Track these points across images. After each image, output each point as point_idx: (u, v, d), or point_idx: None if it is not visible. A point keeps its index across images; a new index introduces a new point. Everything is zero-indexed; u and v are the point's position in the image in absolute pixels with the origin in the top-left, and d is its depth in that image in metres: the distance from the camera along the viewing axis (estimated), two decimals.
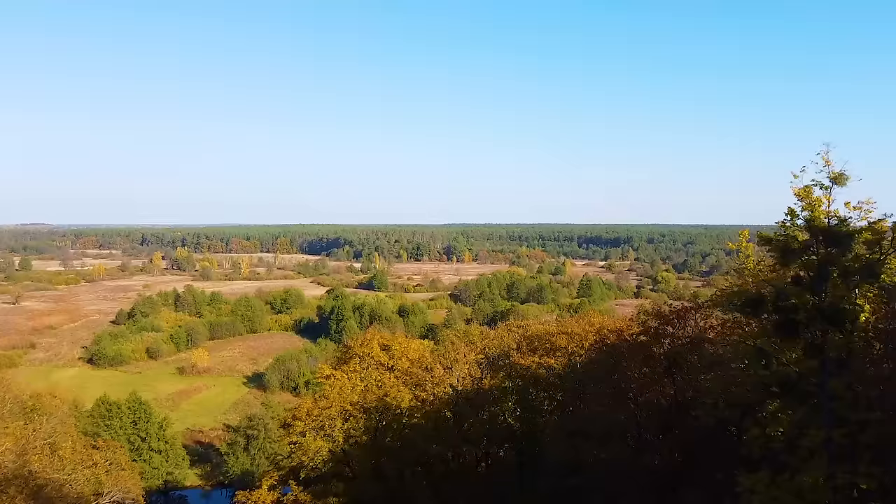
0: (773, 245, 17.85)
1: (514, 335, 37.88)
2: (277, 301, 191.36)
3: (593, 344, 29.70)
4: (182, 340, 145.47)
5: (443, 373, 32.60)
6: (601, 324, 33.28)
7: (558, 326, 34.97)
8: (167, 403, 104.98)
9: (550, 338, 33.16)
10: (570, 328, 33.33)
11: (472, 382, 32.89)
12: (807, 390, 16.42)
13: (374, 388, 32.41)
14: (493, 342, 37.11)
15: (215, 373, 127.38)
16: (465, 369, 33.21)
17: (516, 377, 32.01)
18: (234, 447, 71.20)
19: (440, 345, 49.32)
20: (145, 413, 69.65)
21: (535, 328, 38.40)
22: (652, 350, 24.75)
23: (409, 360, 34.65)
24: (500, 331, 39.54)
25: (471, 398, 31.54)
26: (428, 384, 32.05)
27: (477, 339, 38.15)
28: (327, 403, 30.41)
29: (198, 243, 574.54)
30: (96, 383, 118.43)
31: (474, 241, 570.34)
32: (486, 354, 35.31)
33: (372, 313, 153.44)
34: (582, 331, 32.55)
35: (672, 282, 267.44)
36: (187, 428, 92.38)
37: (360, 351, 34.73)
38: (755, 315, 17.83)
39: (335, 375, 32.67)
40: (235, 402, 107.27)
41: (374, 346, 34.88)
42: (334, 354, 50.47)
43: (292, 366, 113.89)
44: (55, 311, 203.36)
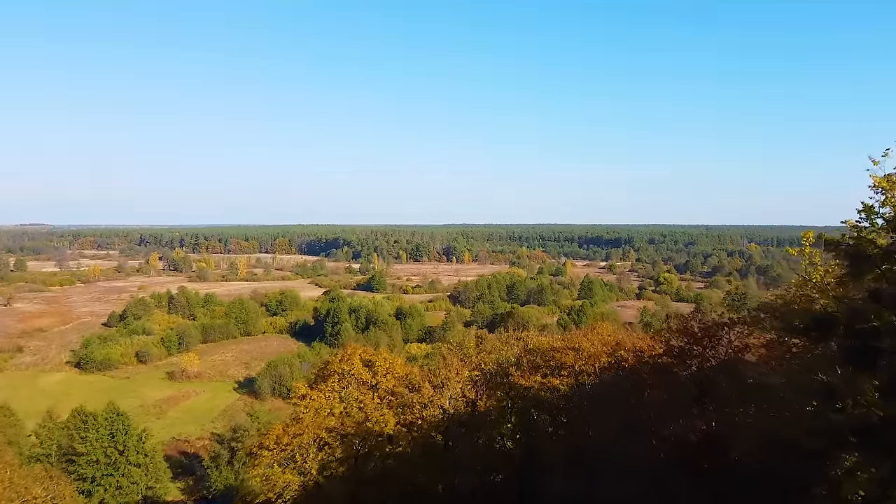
0: (842, 251, 13.90)
1: (514, 348, 34.08)
2: (273, 303, 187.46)
3: (607, 365, 25.89)
4: (173, 344, 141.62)
5: (432, 393, 28.81)
6: (615, 340, 29.34)
7: (564, 341, 31.11)
8: (154, 410, 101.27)
9: (555, 354, 29.30)
10: (577, 342, 29.46)
11: (466, 404, 29.12)
12: (894, 441, 12.55)
13: (355, 410, 28.62)
14: (489, 357, 33.30)
15: (206, 378, 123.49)
16: (458, 388, 29.42)
17: (516, 398, 28.16)
18: (217, 460, 67.36)
19: (436, 350, 45.17)
20: (123, 425, 65.71)
21: (536, 340, 34.52)
22: (677, 373, 20.92)
23: (394, 378, 30.90)
24: (499, 343, 35.66)
25: (464, 421, 27.74)
26: (416, 406, 28.26)
27: (472, 353, 34.37)
28: (299, 429, 26.61)
29: (196, 244, 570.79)
30: (82, 389, 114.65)
31: (474, 241, 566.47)
32: (481, 371, 31.55)
33: (368, 316, 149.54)
34: (592, 347, 28.66)
35: (674, 283, 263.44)
36: (172, 437, 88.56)
37: (340, 367, 30.93)
38: (824, 339, 13.92)
39: (311, 395, 28.88)
40: (225, 408, 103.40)
41: (356, 361, 31.07)
42: (311, 371, 46.29)
43: (284, 371, 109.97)
44: (46, 313, 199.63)
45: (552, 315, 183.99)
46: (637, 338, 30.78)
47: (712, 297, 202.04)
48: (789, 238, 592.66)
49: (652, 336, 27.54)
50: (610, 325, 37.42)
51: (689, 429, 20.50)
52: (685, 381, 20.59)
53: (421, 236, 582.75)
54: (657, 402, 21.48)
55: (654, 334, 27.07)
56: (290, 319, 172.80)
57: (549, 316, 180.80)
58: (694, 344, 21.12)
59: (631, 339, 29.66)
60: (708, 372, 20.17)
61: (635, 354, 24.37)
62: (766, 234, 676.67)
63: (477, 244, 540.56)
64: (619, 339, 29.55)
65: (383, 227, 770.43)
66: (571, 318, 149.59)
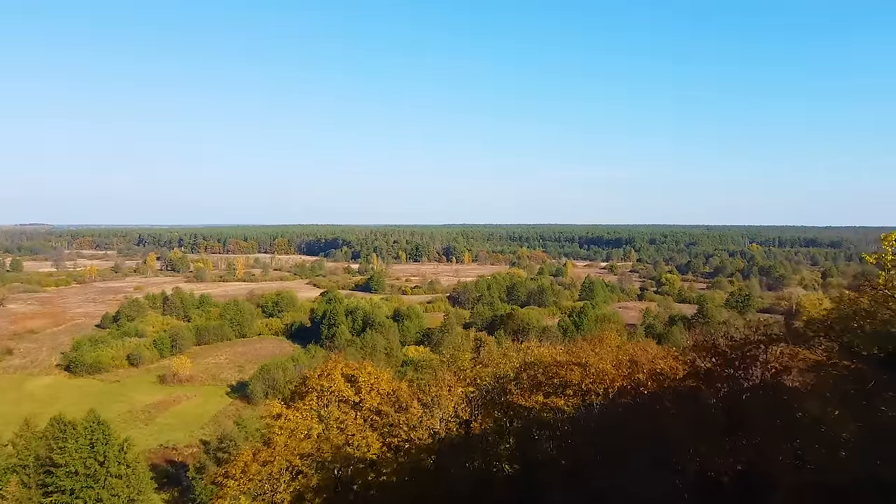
0: None
1: (513, 361, 30.95)
2: (269, 304, 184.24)
3: (622, 390, 22.86)
4: (166, 346, 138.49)
5: (421, 413, 25.83)
6: (630, 357, 26.02)
7: (568, 354, 27.92)
8: (142, 416, 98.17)
9: (559, 370, 26.20)
10: (583, 357, 26.29)
11: (459, 425, 26.11)
12: None
13: (335, 431, 25.59)
14: (486, 370, 30.22)
15: (198, 381, 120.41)
16: (451, 407, 26.42)
17: (515, 418, 25.14)
18: (202, 471, 64.25)
19: (428, 362, 41.81)
20: (104, 434, 62.56)
21: (537, 352, 31.41)
22: (703, 399, 17.89)
23: (379, 395, 27.89)
24: (496, 355, 32.57)
25: (457, 444, 24.73)
26: (403, 427, 25.25)
27: (467, 367, 31.34)
28: (270, 455, 23.59)
29: (195, 244, 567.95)
30: (70, 393, 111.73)
31: (474, 241, 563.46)
32: (477, 387, 28.53)
33: (365, 318, 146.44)
34: (600, 363, 25.46)
35: (676, 284, 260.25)
36: (160, 445, 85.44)
37: (319, 384, 27.96)
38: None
39: (286, 415, 25.88)
40: (216, 414, 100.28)
41: (337, 377, 28.09)
42: (289, 386, 42.66)
43: (278, 375, 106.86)
44: (39, 314, 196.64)
45: (553, 316, 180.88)
46: (653, 353, 27.50)
47: (715, 298, 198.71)
48: (790, 238, 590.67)
49: (674, 355, 24.35)
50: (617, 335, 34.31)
51: (718, 465, 17.48)
52: (713, 409, 17.59)
53: (421, 236, 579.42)
54: (680, 431, 18.45)
55: (676, 353, 23.93)
56: (286, 321, 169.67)
57: (550, 317, 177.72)
58: (723, 365, 18.15)
59: (646, 355, 26.47)
60: (741, 398, 17.19)
61: (654, 377, 21.33)
62: (767, 234, 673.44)
63: (477, 244, 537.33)
64: (633, 354, 26.34)
65: (383, 227, 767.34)
66: (573, 320, 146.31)
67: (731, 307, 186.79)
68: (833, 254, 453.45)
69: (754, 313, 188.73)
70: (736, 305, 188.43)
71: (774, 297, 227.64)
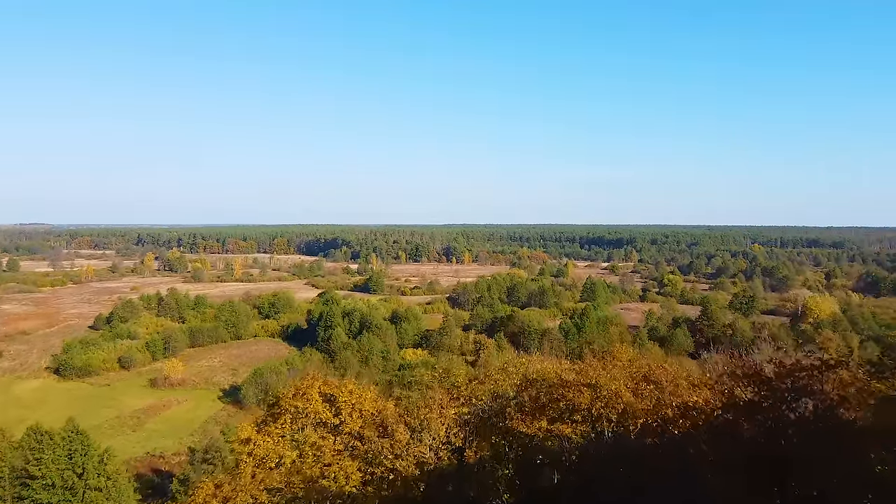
0: None
1: (512, 377, 27.85)
2: (265, 305, 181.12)
3: (647, 427, 19.79)
4: (158, 348, 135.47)
5: (408, 438, 22.82)
6: (646, 373, 22.82)
7: (577, 373, 24.69)
8: (130, 422, 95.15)
9: (565, 391, 23.08)
10: (593, 376, 23.10)
11: (451, 452, 23.10)
12: None
13: (310, 460, 22.59)
14: (483, 388, 27.16)
15: (190, 385, 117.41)
16: (442, 432, 23.42)
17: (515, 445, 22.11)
18: (186, 483, 61.21)
19: (418, 377, 38.41)
20: (82, 445, 59.57)
21: (540, 367, 28.28)
22: (744, 438, 14.79)
23: (361, 418, 24.92)
24: (494, 371, 29.44)
25: (448, 475, 21.74)
26: (387, 454, 22.23)
27: (462, 383, 28.29)
28: (232, 490, 20.57)
29: (194, 244, 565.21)
30: (58, 397, 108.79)
31: (474, 241, 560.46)
32: (472, 407, 25.54)
33: (362, 320, 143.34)
34: (613, 383, 22.21)
35: (679, 285, 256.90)
36: (147, 452, 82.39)
37: (293, 404, 25.01)
38: None
39: (256, 440, 22.89)
40: (207, 419, 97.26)
41: (314, 396, 25.16)
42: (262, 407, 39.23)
43: (271, 379, 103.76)
44: (33, 315, 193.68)
45: (554, 318, 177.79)
46: (673, 372, 24.11)
47: (718, 299, 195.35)
48: (792, 239, 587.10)
49: (707, 383, 21.13)
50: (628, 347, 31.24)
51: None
52: (757, 450, 14.49)
53: (421, 236, 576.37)
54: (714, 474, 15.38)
55: (708, 380, 20.79)
56: (282, 322, 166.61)
57: (551, 319, 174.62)
58: (768, 395, 15.07)
59: (665, 374, 23.10)
60: (791, 437, 14.06)
61: (681, 410, 18.23)
62: (769, 234, 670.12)
63: (477, 244, 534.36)
64: (650, 371, 23.11)
65: (383, 227, 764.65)
66: (574, 323, 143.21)
67: (736, 309, 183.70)
68: (836, 254, 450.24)
69: (758, 315, 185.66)
70: (740, 307, 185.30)
71: (778, 299, 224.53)
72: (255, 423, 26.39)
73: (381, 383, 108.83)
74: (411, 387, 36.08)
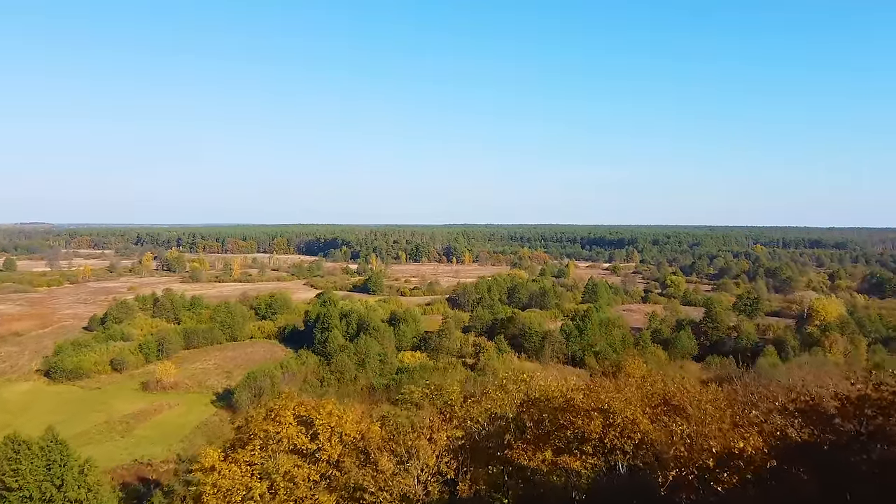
0: None
1: (512, 395, 24.92)
2: (262, 306, 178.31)
3: (682, 477, 16.82)
4: (152, 350, 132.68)
5: (393, 468, 20.06)
6: (663, 394, 19.70)
7: (587, 395, 21.56)
8: (119, 427, 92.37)
9: (573, 417, 20.09)
10: (606, 399, 20.05)
11: (442, 485, 20.33)
12: None
13: (282, 492, 19.83)
14: (479, 408, 24.32)
15: (183, 388, 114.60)
16: (432, 461, 20.63)
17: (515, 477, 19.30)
18: (171, 496, 58.49)
19: (407, 396, 35.31)
20: (62, 455, 56.77)
21: (543, 385, 25.19)
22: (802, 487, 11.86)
23: (341, 443, 22.16)
24: (492, 389, 26.56)
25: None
26: (369, 486, 19.44)
27: (456, 400, 25.47)
28: None
29: (193, 243, 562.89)
30: (47, 401, 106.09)
31: (475, 241, 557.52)
32: (466, 432, 22.74)
33: (360, 322, 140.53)
34: (630, 409, 19.12)
35: (682, 286, 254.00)
36: (134, 460, 79.60)
37: (265, 428, 22.21)
38: None
39: (220, 469, 20.14)
40: (198, 425, 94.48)
41: (287, 419, 22.42)
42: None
43: (265, 383, 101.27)
44: (27, 316, 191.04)
45: (555, 319, 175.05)
46: (694, 391, 21.11)
47: (722, 300, 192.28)
48: (794, 239, 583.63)
49: (753, 421, 18.08)
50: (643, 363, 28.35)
51: None
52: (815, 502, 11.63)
53: (421, 236, 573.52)
54: None
55: (754, 419, 17.70)
56: (279, 324, 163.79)
57: (552, 321, 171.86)
58: (830, 437, 12.13)
59: (686, 395, 20.17)
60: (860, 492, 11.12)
61: (727, 461, 15.22)
62: (771, 234, 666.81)
63: (478, 244, 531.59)
64: (668, 392, 20.19)
65: (383, 227, 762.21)
66: (576, 325, 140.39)
67: (740, 311, 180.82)
68: (839, 255, 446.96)
69: (763, 317, 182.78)
70: (744, 309, 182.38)
71: (783, 300, 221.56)
72: (221, 448, 23.67)
73: (378, 387, 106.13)
74: (400, 404, 33.06)
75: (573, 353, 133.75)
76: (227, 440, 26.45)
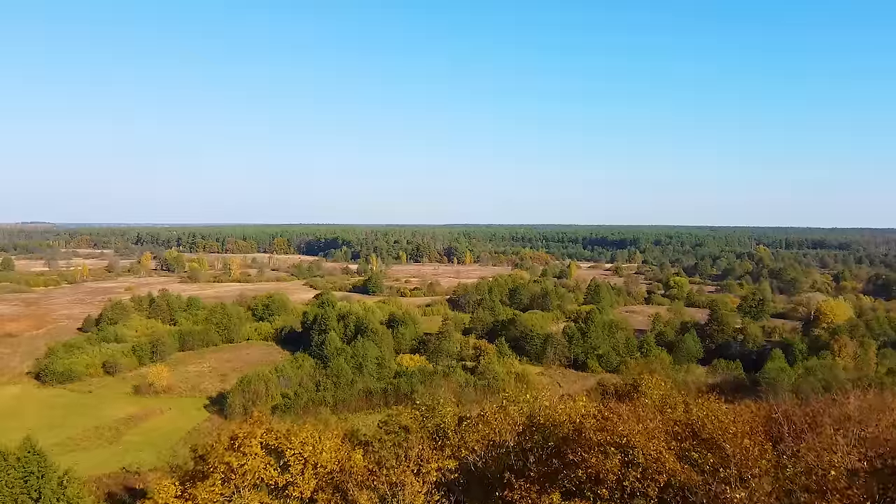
0: None
1: (513, 417, 21.86)
2: (259, 307, 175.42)
3: None
4: (145, 353, 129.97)
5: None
6: (687, 423, 16.39)
7: (601, 422, 18.31)
8: (108, 433, 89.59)
9: (585, 453, 16.94)
10: (624, 430, 16.86)
11: None
12: None
13: None
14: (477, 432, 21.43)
15: (176, 392, 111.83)
16: (420, 500, 17.83)
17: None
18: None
19: (393, 417, 32.00)
20: (39, 466, 54.03)
21: (548, 405, 22.03)
22: None
23: (316, 476, 19.39)
24: (490, 412, 23.48)
25: None
26: None
27: (449, 425, 22.54)
28: None
29: (193, 243, 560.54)
30: (36, 405, 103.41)
31: (476, 242, 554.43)
32: (460, 462, 19.93)
33: (358, 324, 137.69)
34: (653, 443, 16.01)
35: (685, 287, 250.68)
36: (122, 468, 76.75)
37: (226, 460, 19.38)
38: None
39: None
40: (190, 431, 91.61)
41: (254, 449, 19.65)
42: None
43: (259, 387, 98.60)
44: (22, 317, 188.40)
45: (557, 321, 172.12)
46: (722, 421, 17.82)
47: (726, 302, 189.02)
48: (797, 240, 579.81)
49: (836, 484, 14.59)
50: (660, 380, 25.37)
51: None
52: None
53: (422, 236, 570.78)
54: None
55: (836, 480, 14.31)
56: (276, 325, 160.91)
57: (554, 322, 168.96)
58: None
59: (718, 426, 17.10)
60: None
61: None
62: (774, 235, 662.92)
63: (479, 245, 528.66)
64: (708, 432, 17.08)
65: (384, 227, 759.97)
66: (578, 327, 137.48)
67: (745, 313, 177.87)
68: (843, 256, 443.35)
69: (768, 319, 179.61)
70: (750, 311, 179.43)
71: (787, 302, 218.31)
72: (178, 481, 20.91)
73: (375, 391, 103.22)
74: (387, 425, 30.17)
75: (575, 356, 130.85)
76: (185, 471, 23.66)
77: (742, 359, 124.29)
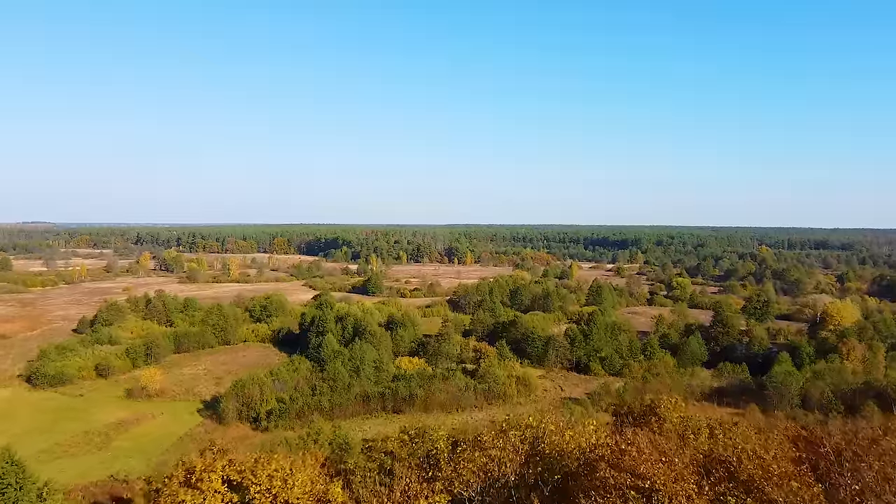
0: None
1: (514, 443, 19.22)
2: (257, 308, 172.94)
3: None
4: (140, 355, 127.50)
5: None
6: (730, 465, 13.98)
7: (617, 455, 15.51)
8: (97, 439, 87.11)
9: (601, 497, 14.32)
10: (644, 467, 14.16)
11: None
12: None
13: None
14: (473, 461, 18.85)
15: (170, 395, 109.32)
16: None
17: None
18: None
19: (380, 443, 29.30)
20: (17, 478, 51.65)
21: (554, 430, 19.40)
22: None
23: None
24: (489, 437, 20.82)
25: None
26: None
27: (441, 452, 20.05)
28: None
29: (192, 243, 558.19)
30: (25, 409, 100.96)
31: (477, 242, 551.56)
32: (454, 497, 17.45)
33: (356, 325, 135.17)
34: (680, 485, 13.40)
35: (688, 288, 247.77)
36: (110, 476, 74.20)
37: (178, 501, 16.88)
38: None
39: None
40: (182, 436, 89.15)
41: (213, 485, 17.19)
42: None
43: (254, 391, 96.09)
44: (17, 318, 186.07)
45: (559, 323, 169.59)
46: (762, 461, 15.36)
47: (730, 303, 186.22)
48: (799, 241, 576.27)
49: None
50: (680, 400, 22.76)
51: None
52: None
53: (422, 237, 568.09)
54: None
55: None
56: (274, 327, 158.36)
57: (556, 324, 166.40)
58: None
59: (758, 464, 14.73)
60: None
61: None
62: (775, 235, 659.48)
63: (480, 245, 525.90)
64: (741, 470, 14.60)
65: (384, 227, 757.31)
66: (581, 329, 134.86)
67: (749, 314, 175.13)
68: (846, 256, 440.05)
69: (773, 321, 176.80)
70: (754, 313, 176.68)
71: (791, 303, 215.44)
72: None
73: (373, 395, 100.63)
74: (371, 451, 27.41)
75: (578, 359, 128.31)
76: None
77: (748, 362, 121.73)
